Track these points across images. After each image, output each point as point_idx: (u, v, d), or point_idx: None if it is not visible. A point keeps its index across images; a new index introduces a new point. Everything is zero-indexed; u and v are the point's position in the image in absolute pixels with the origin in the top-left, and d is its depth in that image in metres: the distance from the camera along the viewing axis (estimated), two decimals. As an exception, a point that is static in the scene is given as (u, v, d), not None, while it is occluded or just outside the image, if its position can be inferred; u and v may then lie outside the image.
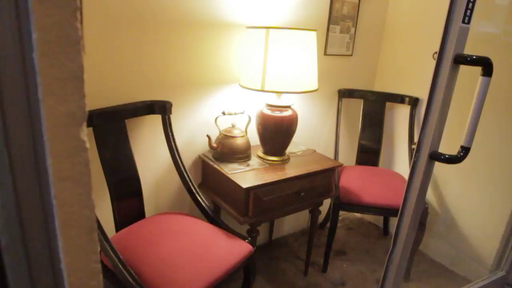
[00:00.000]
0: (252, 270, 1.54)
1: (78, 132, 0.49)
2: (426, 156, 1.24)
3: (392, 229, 2.62)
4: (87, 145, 0.51)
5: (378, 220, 2.70)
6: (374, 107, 2.38)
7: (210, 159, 1.78)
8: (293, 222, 2.51)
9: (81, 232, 0.54)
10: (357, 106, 2.44)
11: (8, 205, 0.46)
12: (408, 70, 2.35)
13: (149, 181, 1.75)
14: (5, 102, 0.41)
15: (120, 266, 1.23)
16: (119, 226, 1.52)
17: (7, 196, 0.45)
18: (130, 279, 1.20)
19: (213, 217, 1.61)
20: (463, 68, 1.12)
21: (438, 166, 2.25)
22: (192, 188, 1.63)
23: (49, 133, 0.45)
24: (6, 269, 0.48)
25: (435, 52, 1.19)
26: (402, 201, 1.36)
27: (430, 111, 1.23)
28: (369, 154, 2.42)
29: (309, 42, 1.62)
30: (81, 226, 0.54)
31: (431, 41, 2.19)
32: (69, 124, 0.48)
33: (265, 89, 1.60)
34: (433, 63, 1.14)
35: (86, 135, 0.51)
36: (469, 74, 1.36)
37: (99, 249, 0.58)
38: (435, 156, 1.24)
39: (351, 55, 2.33)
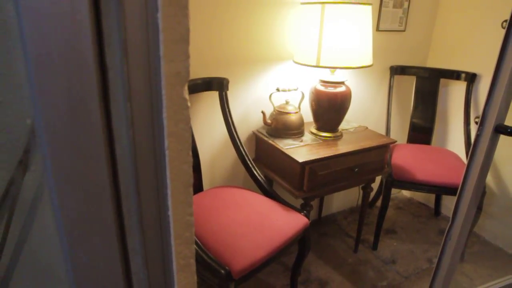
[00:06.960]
0: (307, 243, 1.58)
1: (182, 91, 0.54)
2: (491, 129, 1.20)
3: (444, 210, 2.56)
4: (189, 103, 0.55)
5: (428, 200, 2.65)
6: (427, 84, 2.31)
7: (264, 135, 1.82)
8: (342, 200, 2.53)
9: (180, 185, 0.59)
10: (410, 83, 2.38)
11: (126, 156, 0.51)
12: (464, 43, 2.26)
13: (205, 156, 1.82)
14: (129, 56, 0.46)
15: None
16: (180, 198, 1.61)
17: (126, 147, 0.50)
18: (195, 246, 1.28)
19: (268, 190, 1.65)
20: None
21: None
22: (248, 161, 1.69)
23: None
24: (124, 215, 0.54)
25: (505, 21, 1.14)
26: (462, 176, 1.34)
27: (498, 80, 1.19)
28: (421, 133, 2.37)
29: (364, 16, 1.60)
30: (180, 180, 0.59)
31: (492, 9, 2.08)
32: (175, 83, 0.52)
33: (320, 64, 1.60)
34: (496, 33, 1.09)
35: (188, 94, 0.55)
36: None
37: (192, 202, 0.63)
38: (501, 129, 1.20)
39: (404, 30, 2.27)
